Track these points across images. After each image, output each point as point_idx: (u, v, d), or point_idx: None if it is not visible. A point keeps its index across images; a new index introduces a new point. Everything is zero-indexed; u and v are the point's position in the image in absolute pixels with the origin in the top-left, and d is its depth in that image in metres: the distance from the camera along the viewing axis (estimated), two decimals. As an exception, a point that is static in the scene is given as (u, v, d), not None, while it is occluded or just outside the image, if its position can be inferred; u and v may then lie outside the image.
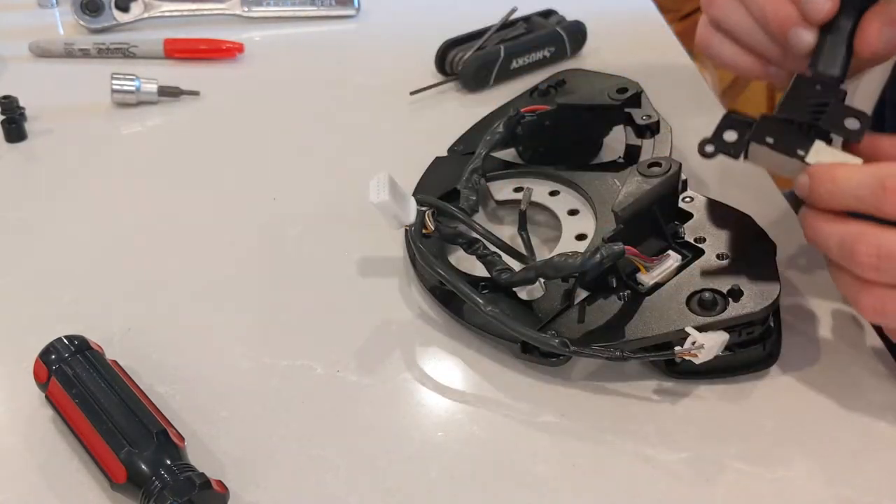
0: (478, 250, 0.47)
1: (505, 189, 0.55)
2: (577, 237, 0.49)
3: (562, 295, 0.45)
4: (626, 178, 0.45)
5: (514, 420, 0.42)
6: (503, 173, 0.55)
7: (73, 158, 0.63)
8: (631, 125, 0.54)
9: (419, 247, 0.46)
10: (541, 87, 0.61)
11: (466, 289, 0.43)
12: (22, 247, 0.54)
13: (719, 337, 0.40)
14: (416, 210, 0.47)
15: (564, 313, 0.44)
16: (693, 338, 0.40)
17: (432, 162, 0.58)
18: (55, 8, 0.86)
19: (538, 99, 0.60)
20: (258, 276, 0.52)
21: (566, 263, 0.42)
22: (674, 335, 0.41)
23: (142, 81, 0.68)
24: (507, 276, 0.45)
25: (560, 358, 0.43)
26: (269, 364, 0.45)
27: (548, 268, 0.43)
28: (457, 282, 0.44)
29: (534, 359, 0.44)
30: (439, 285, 0.47)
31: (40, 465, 0.40)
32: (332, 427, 0.42)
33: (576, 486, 0.39)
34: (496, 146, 0.55)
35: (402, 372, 0.45)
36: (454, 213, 0.48)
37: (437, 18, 0.82)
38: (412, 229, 0.47)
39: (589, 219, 0.51)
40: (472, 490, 0.39)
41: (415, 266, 0.50)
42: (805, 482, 0.39)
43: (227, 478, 0.38)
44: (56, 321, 0.48)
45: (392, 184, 0.45)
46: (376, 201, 0.45)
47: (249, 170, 0.62)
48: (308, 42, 0.80)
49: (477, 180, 0.52)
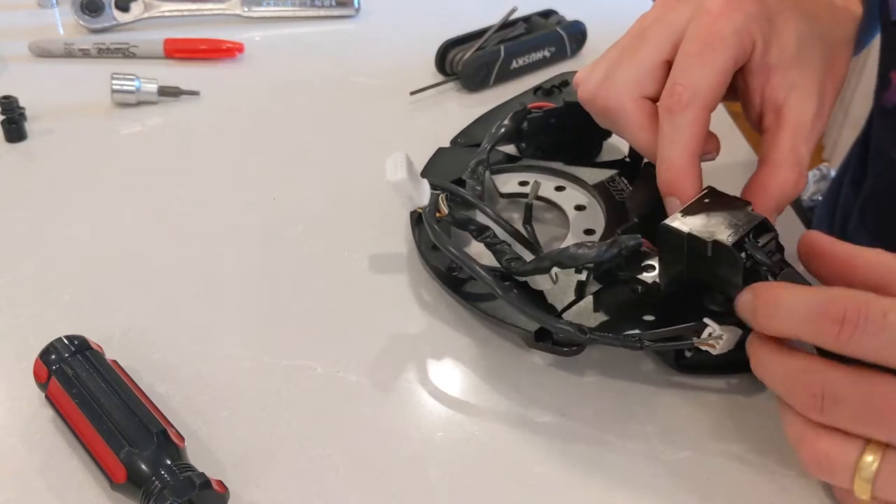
0: (487, 238, 0.46)
1: (510, 182, 0.55)
2: (586, 231, 0.50)
3: (574, 287, 0.44)
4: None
5: (514, 420, 0.42)
6: (507, 166, 0.55)
7: (73, 158, 0.63)
8: None
9: (434, 228, 0.45)
10: (545, 87, 0.61)
11: (483, 272, 0.42)
12: (22, 247, 0.54)
13: (734, 331, 0.40)
14: (429, 192, 0.46)
15: (576, 304, 0.44)
16: (711, 328, 0.39)
17: (435, 152, 0.58)
18: (55, 8, 0.86)
19: (542, 97, 0.61)
20: (258, 276, 0.52)
21: (584, 253, 0.42)
22: (692, 328, 0.40)
23: (142, 81, 0.68)
24: (520, 265, 0.44)
25: (574, 348, 0.42)
26: (269, 364, 0.45)
27: (564, 257, 0.42)
28: (473, 264, 0.43)
29: (547, 347, 0.43)
30: (448, 272, 0.47)
31: (40, 465, 0.40)
32: (332, 427, 0.42)
33: (576, 486, 0.39)
34: (502, 140, 0.55)
35: (403, 372, 0.45)
36: (468, 199, 0.47)
37: (437, 18, 0.82)
38: (426, 211, 0.46)
39: (597, 214, 0.51)
40: (472, 490, 0.39)
41: (421, 252, 0.49)
42: (806, 482, 0.39)
43: (227, 478, 0.38)
44: (56, 321, 0.48)
45: (409, 163, 0.45)
46: (394, 180, 0.44)
47: (249, 170, 0.62)
48: (308, 42, 0.80)
49: (482, 172, 0.52)
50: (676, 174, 0.43)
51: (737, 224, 0.39)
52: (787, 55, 0.45)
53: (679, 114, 0.42)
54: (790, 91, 0.45)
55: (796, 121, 0.45)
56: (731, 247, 0.38)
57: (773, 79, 0.45)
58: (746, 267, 0.38)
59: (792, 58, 0.45)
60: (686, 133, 0.43)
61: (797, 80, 0.45)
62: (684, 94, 0.42)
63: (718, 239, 0.39)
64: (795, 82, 0.45)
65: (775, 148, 0.45)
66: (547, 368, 0.45)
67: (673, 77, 0.43)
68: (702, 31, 0.43)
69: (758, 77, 0.45)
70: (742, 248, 0.39)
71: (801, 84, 0.45)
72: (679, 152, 0.43)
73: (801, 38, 0.45)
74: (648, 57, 0.45)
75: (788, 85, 0.45)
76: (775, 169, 0.44)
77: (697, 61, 0.43)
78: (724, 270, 0.39)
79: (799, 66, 0.45)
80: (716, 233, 0.39)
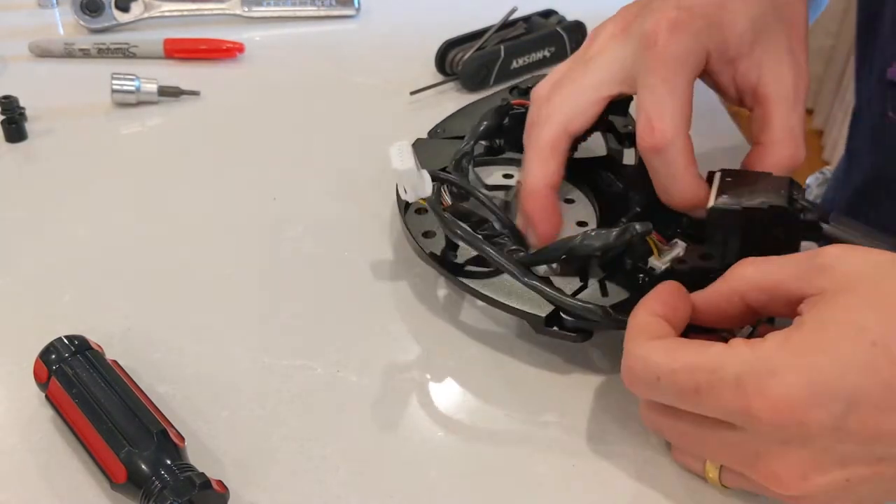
0: (486, 229, 0.46)
1: (494, 175, 0.55)
2: (579, 223, 0.50)
3: (576, 274, 0.45)
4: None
5: (514, 420, 0.42)
6: (490, 159, 0.55)
7: (73, 158, 0.63)
8: (612, 132, 0.54)
9: (443, 215, 0.45)
10: (521, 87, 0.61)
11: (496, 254, 0.43)
12: (22, 247, 0.54)
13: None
14: (431, 183, 0.46)
15: (582, 291, 0.44)
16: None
17: (413, 143, 0.57)
18: (55, 8, 0.86)
19: (518, 96, 0.60)
20: (258, 277, 0.52)
21: (596, 239, 0.42)
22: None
23: (142, 81, 0.68)
24: (528, 255, 0.44)
25: (581, 334, 0.43)
26: (269, 364, 0.45)
27: (577, 244, 0.43)
28: (485, 246, 0.43)
29: (556, 333, 0.43)
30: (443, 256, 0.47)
31: (40, 465, 0.40)
32: (332, 427, 0.42)
33: (576, 486, 0.39)
34: (484, 134, 0.54)
35: (403, 372, 0.45)
36: (471, 190, 0.48)
37: (437, 18, 0.82)
38: (431, 200, 0.45)
39: (587, 207, 0.51)
40: (472, 490, 0.39)
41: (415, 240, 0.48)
42: (805, 482, 0.39)
43: (227, 478, 0.38)
44: (56, 321, 0.48)
45: (414, 153, 0.44)
46: (401, 168, 0.43)
47: (249, 170, 0.62)
48: (308, 42, 0.80)
49: (466, 166, 0.52)
50: (696, 193, 0.44)
51: (776, 188, 0.42)
52: (746, 42, 0.45)
53: (666, 150, 0.43)
54: (760, 69, 0.45)
55: (776, 94, 0.45)
56: (787, 206, 0.40)
57: (740, 67, 0.45)
58: (805, 220, 0.41)
59: (751, 42, 0.45)
60: (681, 162, 0.43)
61: (763, 56, 0.45)
62: (666, 131, 0.42)
63: (774, 203, 0.40)
64: (762, 60, 0.45)
65: (765, 128, 0.45)
66: (547, 368, 0.45)
67: (645, 113, 0.43)
68: (656, 63, 0.43)
69: (725, 73, 0.46)
70: (794, 205, 0.41)
71: (768, 58, 0.45)
72: (686, 179, 0.43)
73: (755, 20, 0.45)
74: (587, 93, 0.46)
75: (756, 65, 0.45)
76: (769, 148, 0.45)
77: (662, 93, 0.43)
78: (781, 232, 0.41)
79: (761, 43, 0.45)
80: (766, 199, 0.41)
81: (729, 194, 0.42)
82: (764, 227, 0.41)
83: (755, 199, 0.41)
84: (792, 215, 0.41)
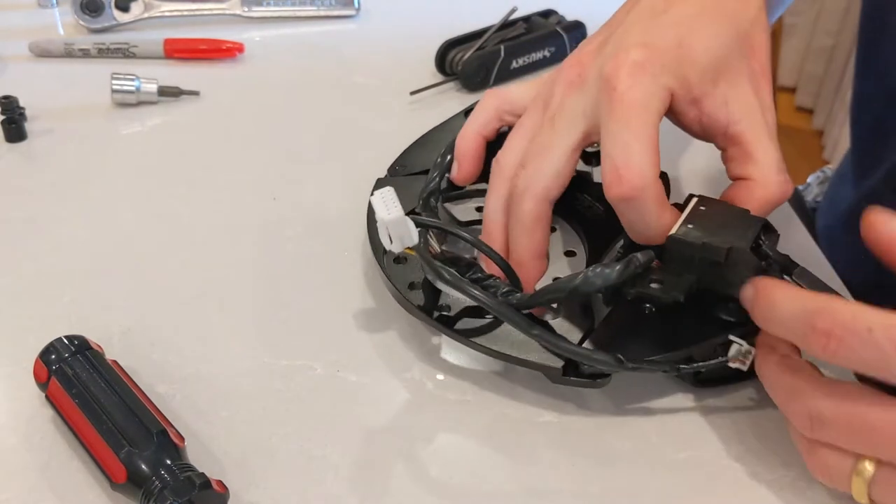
0: (475, 274, 0.43)
1: (467, 210, 0.52)
2: (566, 253, 0.49)
3: (579, 312, 0.43)
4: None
5: (514, 420, 0.42)
6: (457, 193, 0.52)
7: (73, 158, 0.63)
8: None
9: (439, 268, 0.41)
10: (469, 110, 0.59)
11: (506, 309, 0.40)
12: (22, 247, 0.54)
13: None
14: (416, 230, 0.42)
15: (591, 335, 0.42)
16: (738, 345, 0.38)
17: (375, 184, 0.53)
18: (55, 8, 0.86)
19: None
20: (258, 276, 0.52)
21: (599, 278, 0.39)
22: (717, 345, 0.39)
23: (142, 81, 0.68)
24: (524, 298, 0.41)
25: (605, 378, 0.41)
26: (269, 364, 0.45)
27: (580, 283, 0.40)
28: (493, 302, 0.40)
29: (575, 381, 0.41)
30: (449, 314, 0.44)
31: (40, 465, 0.40)
32: (332, 427, 0.42)
33: (576, 486, 0.39)
34: (449, 168, 0.50)
35: (402, 372, 0.45)
36: (460, 235, 0.44)
37: (437, 18, 0.82)
38: (419, 247, 0.42)
39: (570, 234, 0.50)
40: (472, 490, 0.39)
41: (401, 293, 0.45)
42: (806, 483, 0.39)
43: (227, 478, 0.38)
44: (56, 321, 0.48)
45: (397, 199, 0.41)
46: (389, 218, 0.40)
47: (249, 170, 0.62)
48: (308, 42, 0.80)
49: (434, 204, 0.49)
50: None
51: (744, 228, 0.39)
52: (708, 80, 0.43)
53: (638, 198, 0.41)
54: (727, 107, 0.43)
55: (751, 130, 0.43)
56: (749, 250, 0.38)
57: (706, 107, 0.43)
58: (763, 268, 0.38)
59: (713, 79, 0.43)
60: (653, 209, 0.41)
61: (728, 92, 0.43)
62: (634, 180, 0.40)
63: (736, 245, 0.38)
64: (727, 96, 0.43)
65: (749, 165, 0.43)
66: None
67: (611, 161, 0.41)
68: (618, 109, 0.41)
69: (690, 112, 0.44)
70: (758, 251, 0.39)
71: (733, 93, 0.43)
72: (660, 223, 0.41)
73: (714, 50, 0.43)
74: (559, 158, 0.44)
75: (723, 103, 0.43)
76: (759, 183, 0.43)
77: (627, 139, 0.41)
78: (739, 275, 0.39)
79: (724, 78, 0.43)
80: (729, 239, 0.39)
81: (695, 225, 0.40)
82: (720, 267, 0.39)
83: (718, 236, 0.39)
84: (750, 261, 0.38)
